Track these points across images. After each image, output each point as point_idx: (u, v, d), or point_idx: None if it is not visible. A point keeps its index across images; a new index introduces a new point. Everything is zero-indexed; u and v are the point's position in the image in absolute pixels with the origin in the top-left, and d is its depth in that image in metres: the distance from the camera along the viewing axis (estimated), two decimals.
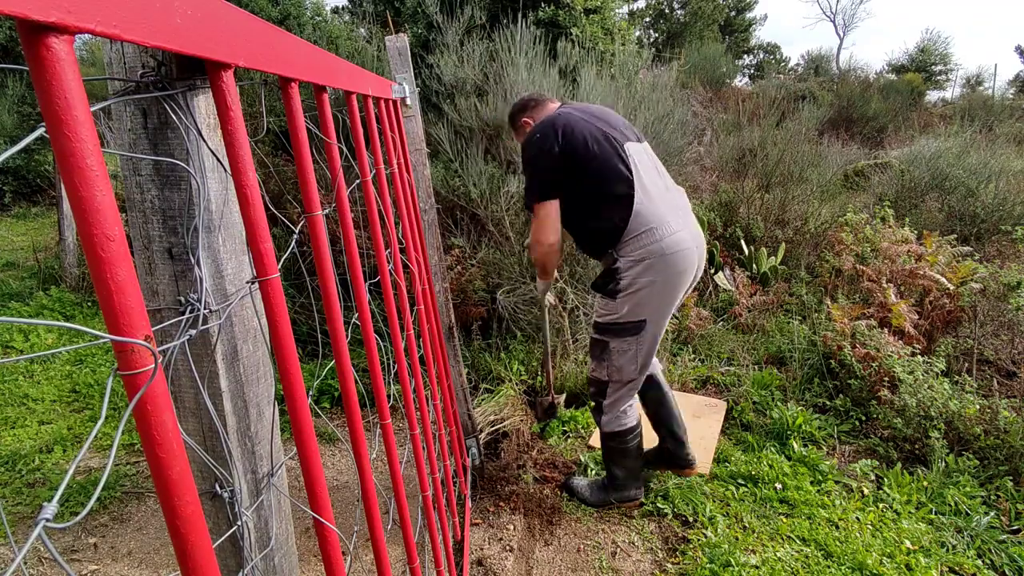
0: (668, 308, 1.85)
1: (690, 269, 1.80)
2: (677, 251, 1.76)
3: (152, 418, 0.43)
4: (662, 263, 1.75)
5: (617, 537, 2.06)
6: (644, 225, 1.76)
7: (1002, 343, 3.17)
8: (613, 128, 1.84)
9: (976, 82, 16.72)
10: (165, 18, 0.45)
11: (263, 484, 0.80)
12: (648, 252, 1.76)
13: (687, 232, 1.80)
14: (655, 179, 1.84)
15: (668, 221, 1.77)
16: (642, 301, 1.80)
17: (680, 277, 1.79)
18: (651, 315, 1.82)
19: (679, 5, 18.36)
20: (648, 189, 1.79)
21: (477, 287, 3.20)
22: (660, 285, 1.78)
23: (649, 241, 1.76)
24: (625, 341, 1.87)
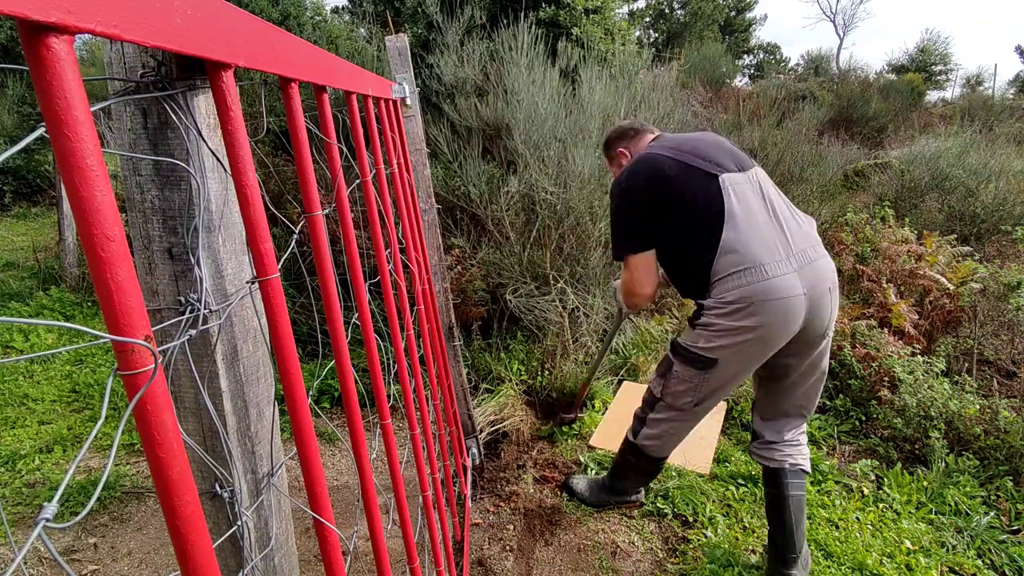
0: (750, 357, 1.61)
1: (789, 320, 1.54)
2: (769, 299, 1.52)
3: (152, 418, 0.43)
4: (749, 310, 1.53)
5: (617, 537, 2.06)
6: (732, 267, 1.55)
7: (1002, 343, 3.17)
8: (706, 161, 1.63)
9: (976, 82, 16.72)
10: (165, 18, 0.45)
11: (263, 484, 0.80)
12: (735, 297, 1.55)
13: (792, 276, 1.54)
14: (758, 212, 1.59)
15: (764, 264, 1.53)
16: (718, 341, 1.60)
17: (773, 328, 1.54)
18: (725, 359, 1.61)
19: (679, 5, 18.37)
20: (741, 226, 1.56)
21: (477, 287, 3.20)
22: (743, 332, 1.55)
23: (737, 284, 1.54)
24: (688, 371, 1.68)
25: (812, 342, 1.64)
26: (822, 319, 1.60)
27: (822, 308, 1.59)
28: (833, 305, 1.62)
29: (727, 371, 1.64)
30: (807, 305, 1.55)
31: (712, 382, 1.67)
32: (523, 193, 3.39)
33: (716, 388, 1.68)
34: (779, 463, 1.78)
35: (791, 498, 1.75)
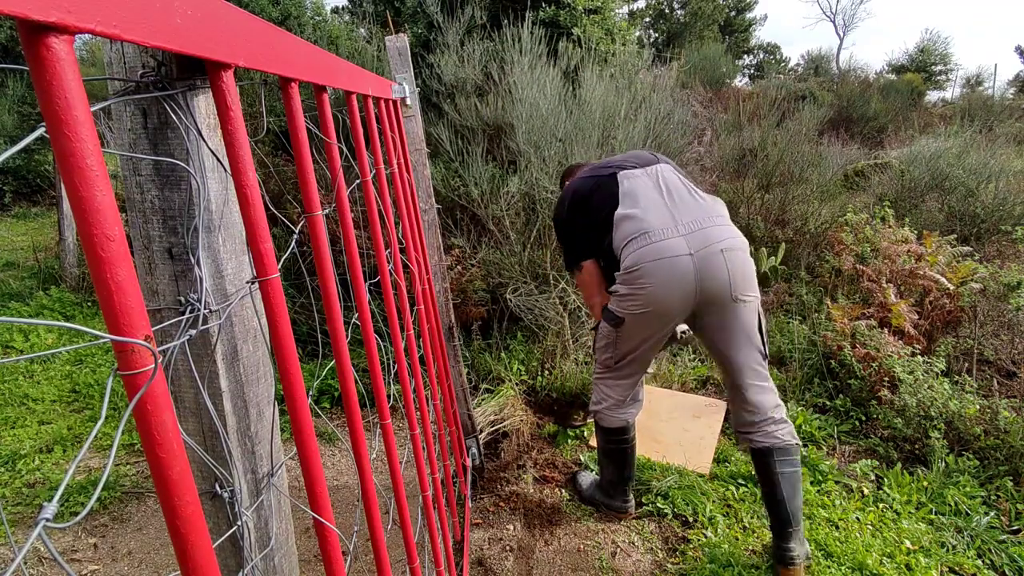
0: (649, 317, 1.76)
1: (680, 278, 1.68)
2: (659, 259, 1.69)
3: (152, 418, 0.43)
4: (643, 272, 1.71)
5: (617, 537, 2.06)
6: (624, 238, 1.76)
7: (1002, 343, 3.17)
8: (608, 167, 1.90)
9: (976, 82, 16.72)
10: (165, 18, 0.45)
11: (263, 484, 0.80)
12: (630, 263, 1.74)
13: (680, 239, 1.69)
14: (651, 194, 1.79)
15: (651, 230, 1.71)
16: (622, 302, 1.80)
17: (668, 287, 1.69)
18: (629, 318, 1.80)
19: (679, 5, 18.37)
20: (634, 205, 1.78)
21: (477, 287, 3.20)
22: (641, 291, 1.73)
23: (629, 252, 1.74)
24: (605, 327, 1.90)
25: (721, 303, 1.72)
26: (719, 278, 1.69)
27: (714, 267, 1.68)
28: (731, 265, 1.69)
29: (633, 329, 1.82)
30: (695, 265, 1.68)
31: (624, 340, 1.86)
32: (524, 193, 3.39)
33: (629, 348, 1.87)
34: (761, 443, 1.82)
35: (781, 475, 1.78)
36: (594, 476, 2.29)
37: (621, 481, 2.11)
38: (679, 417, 2.73)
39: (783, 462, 1.80)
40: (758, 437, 1.83)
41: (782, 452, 1.80)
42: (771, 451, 1.80)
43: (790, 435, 1.83)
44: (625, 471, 2.09)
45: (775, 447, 1.80)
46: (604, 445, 2.08)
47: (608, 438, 2.04)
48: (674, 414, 2.76)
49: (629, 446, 2.05)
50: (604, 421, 2.01)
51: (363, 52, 4.57)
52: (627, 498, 2.13)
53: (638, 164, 1.89)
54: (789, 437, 1.83)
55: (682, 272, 1.68)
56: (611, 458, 2.08)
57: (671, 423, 2.68)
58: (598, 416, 2.03)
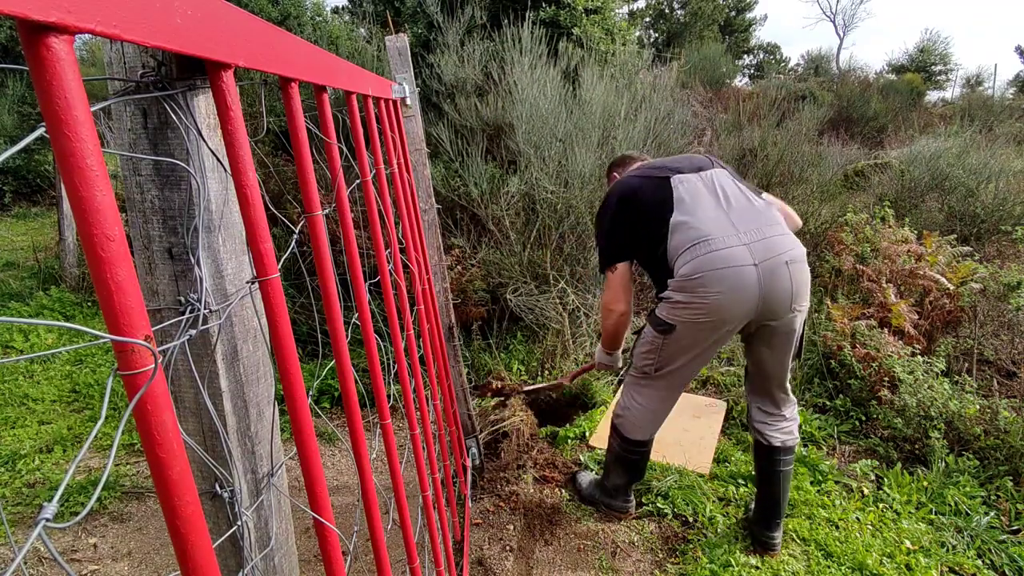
0: (704, 327, 1.70)
1: (742, 287, 1.63)
2: (722, 267, 1.62)
3: (152, 418, 0.43)
4: (701, 280, 1.64)
5: (617, 537, 2.06)
6: (683, 246, 1.69)
7: (1002, 343, 3.17)
8: (662, 169, 1.83)
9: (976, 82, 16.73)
10: (165, 18, 0.45)
11: (263, 484, 0.80)
12: (688, 271, 1.67)
13: (742, 248, 1.64)
14: (708, 201, 1.74)
15: (713, 237, 1.66)
16: (675, 310, 1.73)
17: (727, 295, 1.63)
18: (682, 325, 1.73)
19: (679, 5, 18.37)
20: (691, 212, 1.71)
21: (477, 287, 3.20)
22: (697, 299, 1.67)
23: (688, 259, 1.67)
24: (651, 333, 1.82)
25: (780, 315, 1.70)
26: (783, 290, 1.66)
27: (779, 279, 1.65)
28: (795, 277, 1.67)
29: (683, 338, 1.75)
30: (759, 276, 1.63)
31: (670, 347, 1.79)
32: (523, 193, 3.39)
33: (673, 355, 1.80)
34: (771, 440, 1.89)
35: (781, 472, 1.90)
36: (594, 476, 2.28)
37: (626, 486, 2.11)
38: (679, 417, 2.73)
39: (786, 460, 1.91)
40: (771, 433, 1.90)
41: (787, 451, 1.90)
42: (780, 449, 1.89)
43: (795, 432, 1.93)
44: (633, 478, 2.09)
45: (785, 445, 1.90)
46: (619, 452, 2.02)
47: (625, 446, 1.99)
48: (674, 414, 2.75)
49: (643, 458, 2.03)
50: (626, 430, 1.96)
51: (363, 52, 4.58)
52: (628, 498, 2.13)
53: (693, 168, 1.82)
54: (795, 436, 1.92)
55: (748, 283, 1.63)
56: (623, 465, 2.04)
57: (671, 423, 2.67)
58: (620, 422, 1.97)
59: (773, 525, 1.94)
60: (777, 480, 1.90)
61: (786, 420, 1.91)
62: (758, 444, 1.94)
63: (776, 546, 1.94)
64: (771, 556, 1.93)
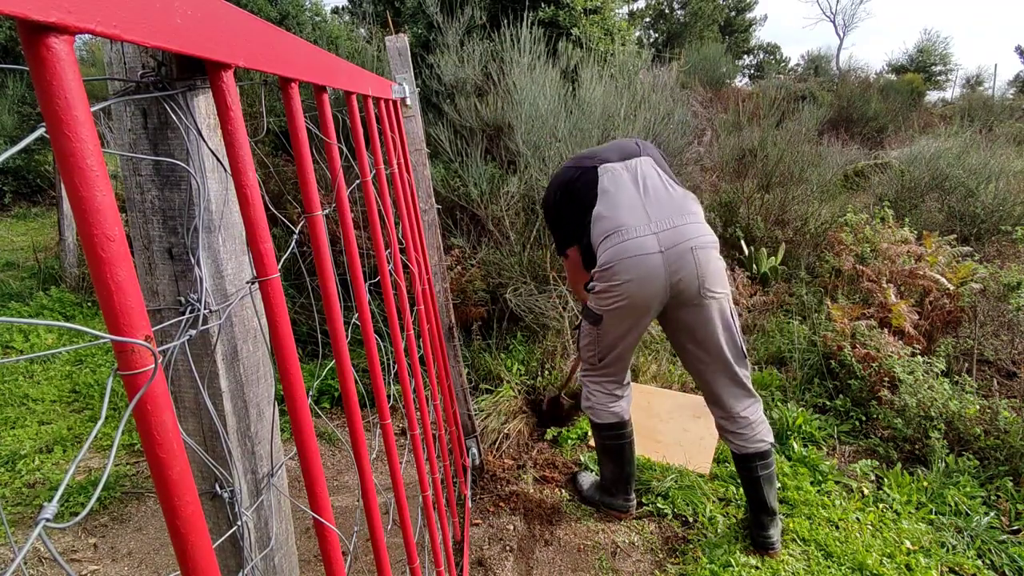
0: (625, 313, 1.81)
1: (653, 275, 1.72)
2: (633, 256, 1.73)
3: (152, 418, 0.43)
4: (617, 268, 1.75)
5: (617, 537, 2.06)
6: (601, 235, 1.80)
7: (1002, 343, 3.17)
8: (590, 158, 1.91)
9: (976, 82, 16.74)
10: (165, 18, 0.45)
11: (263, 484, 0.80)
12: (605, 260, 1.78)
13: (651, 237, 1.73)
14: (628, 190, 1.81)
15: (626, 226, 1.75)
16: (600, 300, 1.84)
17: (641, 284, 1.73)
18: (607, 315, 1.85)
19: (679, 5, 18.37)
20: (611, 201, 1.80)
21: (477, 287, 3.20)
22: (617, 288, 1.77)
23: (604, 248, 1.79)
24: (587, 325, 1.95)
25: (690, 300, 1.77)
26: (689, 275, 1.74)
27: (684, 265, 1.73)
28: (700, 263, 1.74)
29: (612, 326, 1.86)
30: (664, 262, 1.73)
31: (605, 337, 1.91)
32: (523, 193, 3.39)
33: (611, 344, 1.92)
34: (741, 448, 1.90)
35: (761, 477, 1.91)
36: (594, 476, 2.29)
37: (621, 479, 2.10)
38: (679, 417, 2.73)
39: (763, 465, 1.91)
40: (739, 442, 1.90)
41: (761, 456, 1.90)
42: (753, 455, 1.90)
43: (766, 435, 1.91)
44: (625, 468, 2.09)
45: (758, 451, 1.89)
46: (601, 442, 2.09)
47: (604, 434, 2.06)
48: (674, 414, 2.76)
49: (627, 442, 2.06)
50: (598, 417, 2.04)
51: (363, 52, 4.58)
52: (628, 496, 2.13)
53: (621, 156, 1.90)
54: (766, 439, 1.91)
55: (652, 268, 1.73)
56: (609, 454, 2.09)
57: (671, 423, 2.68)
58: (591, 413, 2.05)
59: (768, 524, 1.95)
60: (759, 485, 1.91)
61: (748, 422, 1.88)
62: (732, 452, 1.96)
63: (774, 544, 1.94)
64: (771, 556, 1.93)
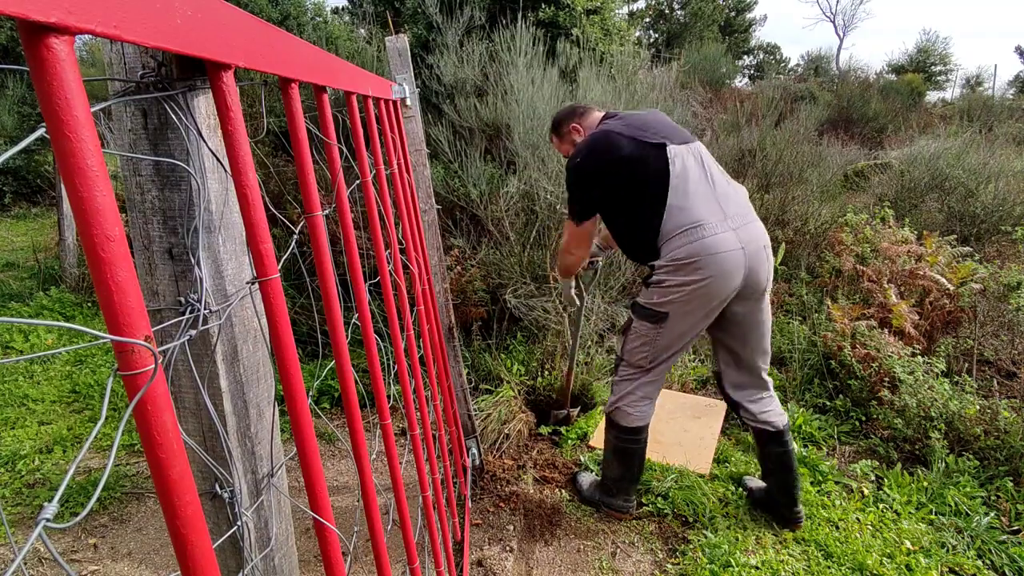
0: (698, 310, 1.79)
1: (732, 274, 1.74)
2: (714, 253, 1.72)
3: (152, 418, 0.43)
4: (696, 266, 1.73)
5: (617, 537, 2.06)
6: (678, 228, 1.75)
7: (1002, 343, 3.17)
8: (653, 134, 1.81)
9: (976, 82, 16.74)
10: (165, 18, 0.45)
11: (263, 484, 0.80)
12: (683, 254, 1.74)
13: (731, 234, 1.74)
14: (699, 180, 1.79)
15: (706, 222, 1.73)
16: (669, 296, 1.79)
17: (718, 280, 1.73)
18: (675, 312, 1.80)
19: (679, 6, 18.38)
20: (685, 190, 1.76)
21: (477, 287, 3.20)
22: (692, 285, 1.75)
23: (683, 243, 1.74)
24: (644, 325, 1.88)
25: (754, 296, 1.84)
26: (760, 273, 1.80)
27: (759, 263, 1.79)
28: (768, 262, 1.83)
29: (677, 324, 1.83)
30: (745, 260, 1.76)
31: (664, 337, 1.86)
32: (523, 193, 3.39)
33: (668, 344, 1.87)
34: (776, 423, 1.99)
35: (791, 451, 2.02)
36: (594, 476, 2.28)
37: (627, 480, 2.09)
38: (679, 417, 2.73)
39: (789, 439, 2.02)
40: (771, 417, 1.99)
41: (787, 430, 2.02)
42: (784, 431, 2.00)
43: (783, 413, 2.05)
44: (634, 471, 2.08)
45: (785, 425, 2.01)
46: (617, 443, 2.03)
47: (623, 436, 2.01)
48: (674, 414, 2.76)
49: (642, 446, 2.04)
50: (624, 420, 1.98)
51: (363, 52, 4.58)
52: (629, 497, 2.12)
53: (680, 139, 1.84)
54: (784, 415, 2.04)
55: (736, 266, 1.75)
56: (621, 457, 2.05)
57: (671, 423, 2.68)
58: (617, 414, 2.00)
59: (797, 499, 2.04)
60: (790, 459, 2.01)
61: (775, 400, 2.03)
62: (763, 432, 2.00)
63: (803, 517, 2.05)
64: (798, 528, 2.04)
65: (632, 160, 1.78)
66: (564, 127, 2.09)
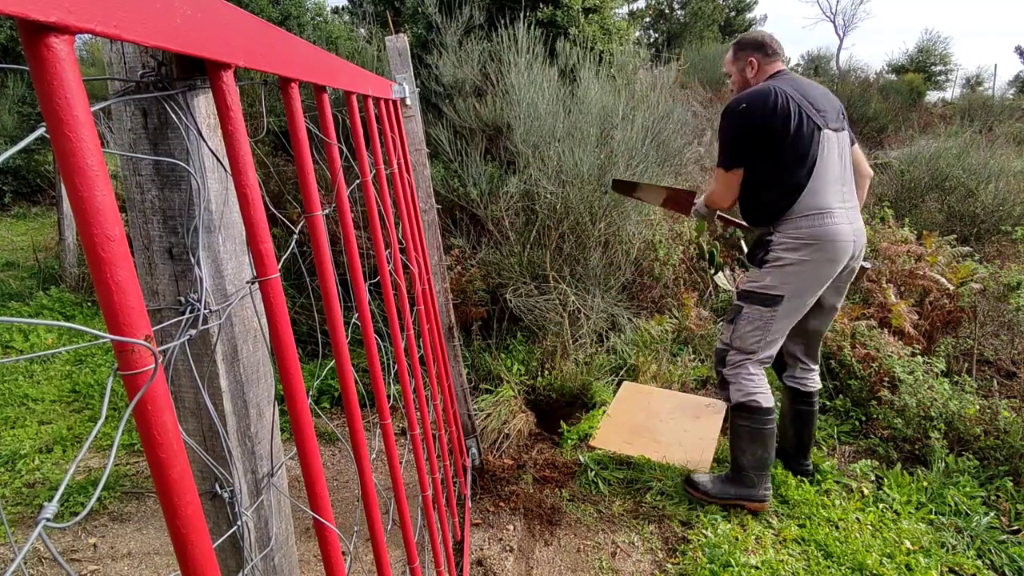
0: (809, 292, 1.93)
1: (840, 260, 1.90)
2: (834, 240, 1.86)
3: (152, 418, 0.43)
4: (816, 248, 1.87)
5: (617, 537, 2.06)
6: (808, 209, 1.88)
7: (1002, 343, 3.17)
8: (817, 112, 1.91)
9: (976, 82, 16.74)
10: (165, 18, 0.45)
11: (263, 484, 0.80)
12: (805, 235, 1.88)
13: (848, 226, 1.90)
14: (835, 169, 1.92)
15: (833, 210, 1.88)
16: (785, 278, 1.92)
17: (829, 265, 1.89)
18: (789, 293, 1.92)
19: (679, 5, 18.37)
20: (824, 177, 1.89)
21: (477, 287, 3.20)
22: (807, 267, 1.89)
23: (808, 225, 1.88)
24: (757, 310, 1.97)
25: (843, 280, 2.03)
26: (855, 263, 2.01)
27: (859, 251, 1.98)
28: (858, 258, 2.00)
29: (792, 304, 1.94)
30: (852, 250, 1.93)
31: (779, 317, 1.96)
32: (523, 192, 3.39)
33: (782, 324, 1.98)
34: (811, 386, 2.21)
35: (814, 411, 2.22)
36: (712, 475, 2.23)
37: (766, 464, 2.07)
38: (679, 417, 2.73)
39: (816, 400, 2.23)
40: (810, 382, 2.21)
41: (817, 393, 2.23)
42: (815, 393, 2.21)
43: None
44: (771, 451, 2.08)
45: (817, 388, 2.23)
46: (756, 427, 2.03)
47: (760, 418, 2.03)
48: (674, 414, 2.76)
49: (774, 426, 2.08)
50: (765, 401, 2.03)
51: (363, 52, 4.58)
52: (767, 484, 2.09)
53: (835, 124, 1.94)
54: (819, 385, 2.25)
55: (848, 253, 1.91)
56: (760, 440, 2.04)
57: (671, 423, 2.68)
58: (751, 402, 2.02)
59: (808, 453, 2.27)
60: (811, 418, 2.22)
61: (816, 372, 2.24)
62: (796, 391, 2.21)
63: (811, 471, 2.27)
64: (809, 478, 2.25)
65: (794, 131, 1.85)
66: (746, 52, 2.09)
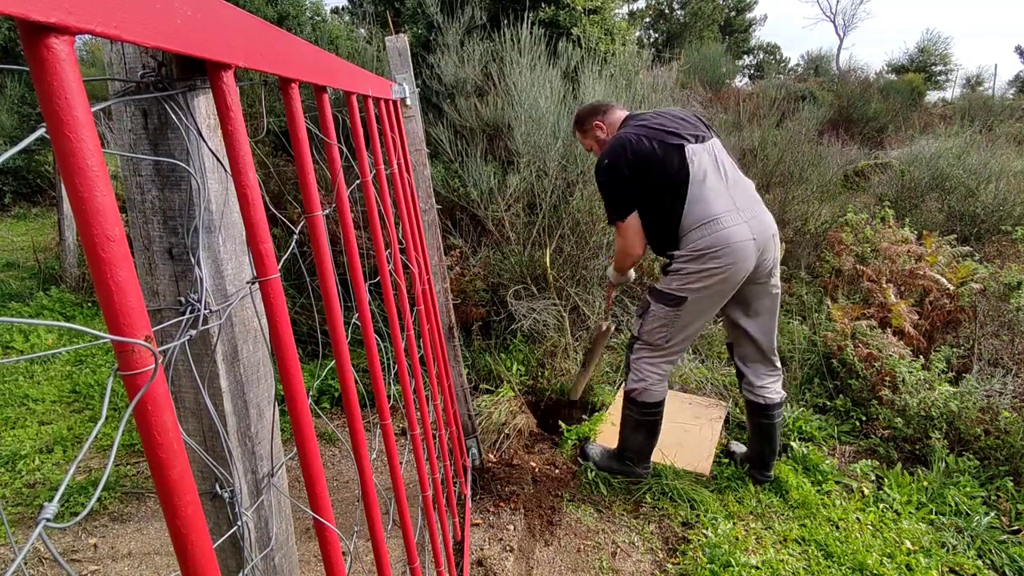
0: (717, 295, 1.98)
1: (745, 261, 1.93)
2: (728, 245, 1.90)
3: (152, 418, 0.43)
4: (712, 256, 1.91)
5: (617, 537, 2.06)
6: (697, 222, 1.93)
7: (1002, 343, 3.17)
8: (671, 133, 1.97)
9: (976, 82, 16.74)
10: (165, 18, 0.45)
11: (263, 484, 0.80)
12: (702, 246, 1.92)
13: (743, 226, 1.93)
14: (712, 175, 1.96)
15: (720, 216, 1.91)
16: (688, 282, 1.97)
17: (732, 268, 1.92)
18: (693, 296, 1.97)
19: (679, 5, 18.37)
20: (702, 185, 1.93)
21: (477, 287, 3.20)
22: (710, 273, 1.93)
23: (700, 236, 1.92)
24: (662, 308, 2.04)
25: (762, 279, 2.05)
26: (768, 260, 2.02)
27: (768, 251, 2.00)
28: (776, 248, 2.04)
29: (696, 306, 2.00)
30: (756, 249, 1.95)
31: (682, 318, 2.03)
32: (523, 192, 3.39)
33: (685, 325, 2.04)
34: (768, 399, 2.19)
35: (776, 424, 2.22)
36: (603, 447, 2.41)
37: (648, 449, 2.26)
38: (680, 417, 2.73)
39: (778, 413, 2.21)
40: (768, 394, 2.19)
41: (779, 406, 2.21)
42: (775, 404, 2.19)
43: (781, 391, 2.23)
44: (654, 440, 2.25)
45: (780, 400, 2.20)
46: (640, 418, 2.18)
47: (646, 411, 2.16)
48: (675, 414, 2.76)
49: (660, 417, 2.20)
50: (648, 396, 2.14)
51: (363, 52, 4.58)
52: (647, 464, 2.30)
53: (697, 138, 2.00)
54: (782, 393, 2.23)
55: (750, 255, 1.94)
56: (644, 429, 2.20)
57: (671, 423, 2.68)
58: (638, 394, 2.14)
59: (770, 466, 2.29)
60: (773, 431, 2.21)
61: (778, 381, 2.23)
62: (755, 404, 2.20)
63: (771, 478, 2.30)
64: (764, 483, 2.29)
65: (659, 161, 1.94)
66: (588, 123, 2.23)
